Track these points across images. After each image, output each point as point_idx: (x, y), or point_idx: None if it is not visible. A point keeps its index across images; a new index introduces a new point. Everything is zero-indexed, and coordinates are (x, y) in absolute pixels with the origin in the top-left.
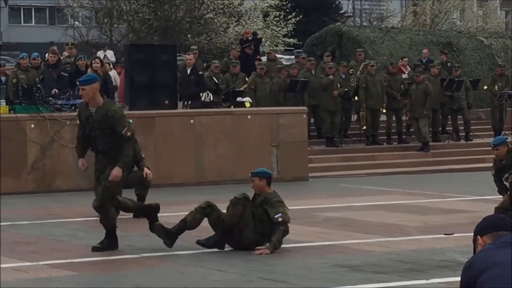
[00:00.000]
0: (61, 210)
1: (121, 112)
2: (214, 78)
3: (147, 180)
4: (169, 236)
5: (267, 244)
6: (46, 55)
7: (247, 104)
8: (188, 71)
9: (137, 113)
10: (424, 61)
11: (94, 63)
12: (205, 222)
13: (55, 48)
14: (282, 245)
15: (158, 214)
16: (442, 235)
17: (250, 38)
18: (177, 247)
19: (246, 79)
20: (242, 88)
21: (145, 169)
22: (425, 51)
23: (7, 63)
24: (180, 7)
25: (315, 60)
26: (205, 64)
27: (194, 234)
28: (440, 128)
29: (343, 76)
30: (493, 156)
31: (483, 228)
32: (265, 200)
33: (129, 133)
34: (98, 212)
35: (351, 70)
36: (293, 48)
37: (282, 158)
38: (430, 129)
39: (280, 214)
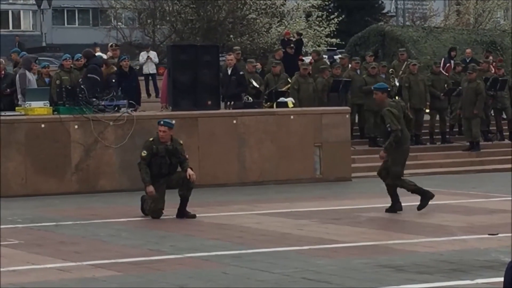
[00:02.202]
0: (105, 210)
1: None
2: (251, 80)
3: (190, 181)
4: None
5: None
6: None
7: (290, 104)
8: (229, 72)
9: (180, 113)
10: (467, 61)
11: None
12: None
13: (91, 49)
14: (326, 246)
15: (200, 214)
16: (487, 235)
17: (292, 38)
18: (219, 247)
19: (289, 79)
20: (284, 89)
21: (189, 170)
22: (468, 50)
23: (51, 64)
24: (223, 8)
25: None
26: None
27: (237, 235)
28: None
29: (384, 76)
30: None
31: None
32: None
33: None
34: None
35: (391, 70)
36: (335, 48)
37: (325, 158)
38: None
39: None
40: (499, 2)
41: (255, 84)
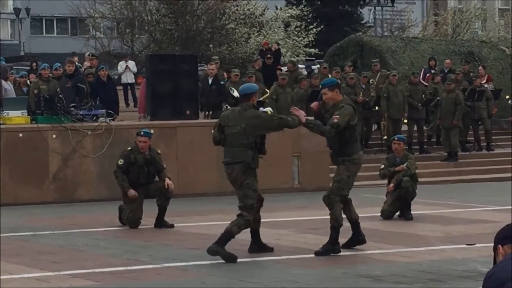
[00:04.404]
0: (83, 219)
1: None
2: (231, 90)
3: (169, 191)
4: None
5: None
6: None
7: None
8: (210, 81)
9: (159, 123)
10: (446, 71)
11: (69, 66)
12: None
13: (72, 58)
14: (304, 255)
15: (178, 224)
16: (464, 245)
17: (273, 48)
18: (198, 257)
19: (266, 89)
20: (262, 98)
21: (167, 180)
22: (447, 61)
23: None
24: (202, 17)
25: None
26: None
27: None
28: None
29: (363, 86)
30: None
31: (505, 237)
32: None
33: None
34: None
35: (371, 80)
36: (314, 58)
37: (303, 168)
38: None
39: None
40: (476, 13)
41: (235, 94)
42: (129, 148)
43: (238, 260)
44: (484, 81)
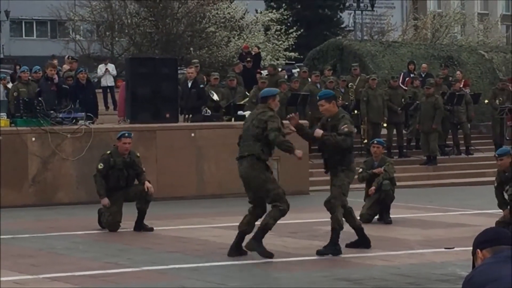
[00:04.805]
0: (62, 223)
1: None
2: (211, 93)
3: (148, 194)
4: None
5: None
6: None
7: None
8: (189, 85)
9: (139, 126)
10: (423, 75)
11: (51, 70)
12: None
13: (54, 61)
14: (283, 259)
15: (158, 227)
16: (443, 249)
17: (253, 52)
18: (177, 260)
19: (247, 93)
20: (242, 102)
21: (146, 183)
22: (424, 65)
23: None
24: (182, 21)
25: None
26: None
27: (195, 248)
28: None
29: (343, 90)
30: (496, 169)
31: (483, 241)
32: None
33: None
34: None
35: (350, 84)
36: (294, 62)
37: (283, 172)
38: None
39: None
40: (456, 17)
41: (215, 97)
42: (108, 152)
43: (217, 263)
44: (461, 86)
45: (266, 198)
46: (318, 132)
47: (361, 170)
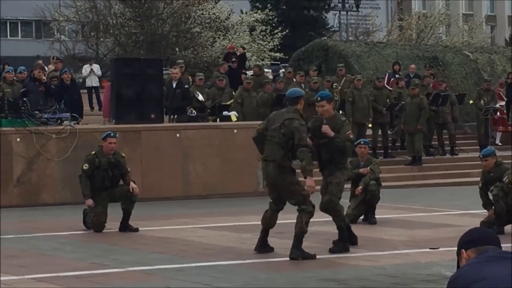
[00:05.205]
0: (48, 223)
1: None
2: (196, 94)
3: (133, 195)
4: None
5: None
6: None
7: (233, 118)
8: (174, 85)
9: (124, 126)
10: (411, 76)
11: (39, 72)
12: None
13: (41, 62)
14: (269, 259)
15: (143, 228)
16: (428, 249)
17: (237, 53)
18: (163, 261)
19: (233, 93)
20: (229, 103)
21: (131, 183)
22: (412, 66)
23: None
24: (167, 21)
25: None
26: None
27: (180, 248)
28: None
29: (327, 90)
30: (481, 169)
31: (468, 242)
32: None
33: None
34: None
35: (335, 84)
36: (279, 63)
37: None
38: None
39: None
40: (441, 18)
41: (200, 98)
42: (93, 152)
43: (202, 264)
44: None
45: (291, 200)
46: (330, 131)
47: None
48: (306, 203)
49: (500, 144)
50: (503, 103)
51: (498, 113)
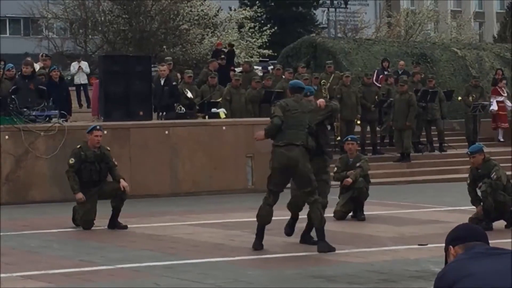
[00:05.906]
0: (36, 221)
1: None
2: (185, 91)
3: (124, 193)
4: None
5: None
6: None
7: (222, 115)
8: (162, 82)
9: (112, 124)
10: (400, 73)
11: (28, 68)
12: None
13: (30, 59)
14: (258, 256)
15: (132, 225)
16: (417, 246)
17: (224, 49)
18: (151, 258)
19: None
20: (219, 100)
21: (122, 182)
22: (401, 62)
23: None
24: (155, 18)
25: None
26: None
27: (169, 246)
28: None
29: (316, 88)
30: (469, 166)
31: (455, 238)
32: None
33: None
34: None
35: (323, 81)
36: (268, 59)
37: (257, 169)
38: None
39: None
40: (429, 14)
41: (189, 95)
42: (79, 146)
43: (191, 261)
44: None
45: (308, 187)
46: (321, 100)
47: (335, 169)
48: (314, 191)
49: (502, 140)
50: (501, 98)
51: (497, 109)
